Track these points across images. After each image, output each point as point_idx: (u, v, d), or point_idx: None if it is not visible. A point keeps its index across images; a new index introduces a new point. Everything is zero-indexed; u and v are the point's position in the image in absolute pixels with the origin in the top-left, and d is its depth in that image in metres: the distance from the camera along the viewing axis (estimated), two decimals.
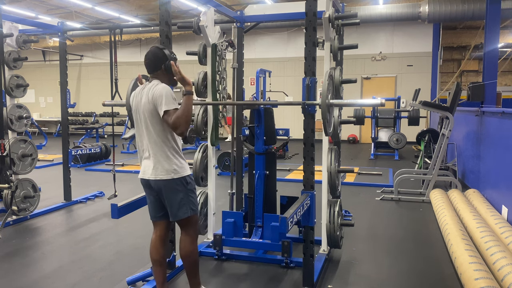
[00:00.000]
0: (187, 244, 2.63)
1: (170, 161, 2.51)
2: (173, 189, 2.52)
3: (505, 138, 4.61)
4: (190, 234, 2.64)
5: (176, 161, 2.53)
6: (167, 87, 2.49)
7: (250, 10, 4.26)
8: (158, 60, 2.54)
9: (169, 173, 2.50)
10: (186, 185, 2.57)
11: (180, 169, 2.53)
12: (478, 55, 13.72)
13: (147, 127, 2.53)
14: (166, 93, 2.42)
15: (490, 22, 6.45)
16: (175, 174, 2.51)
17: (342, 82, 3.44)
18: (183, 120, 2.37)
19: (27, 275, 3.30)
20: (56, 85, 12.23)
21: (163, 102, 2.40)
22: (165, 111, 2.40)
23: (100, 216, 4.98)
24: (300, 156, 8.87)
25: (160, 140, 2.50)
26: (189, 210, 2.59)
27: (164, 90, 2.43)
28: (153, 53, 2.55)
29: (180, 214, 2.56)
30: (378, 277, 3.29)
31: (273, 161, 3.68)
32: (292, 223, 2.52)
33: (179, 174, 2.53)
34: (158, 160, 2.51)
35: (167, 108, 2.40)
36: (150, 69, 2.56)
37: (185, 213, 2.57)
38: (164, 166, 2.50)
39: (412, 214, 5.12)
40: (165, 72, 2.55)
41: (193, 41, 13.95)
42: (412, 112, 9.17)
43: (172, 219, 2.62)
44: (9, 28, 4.68)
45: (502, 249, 3.20)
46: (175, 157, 2.54)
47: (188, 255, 2.63)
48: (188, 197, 2.57)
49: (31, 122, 5.47)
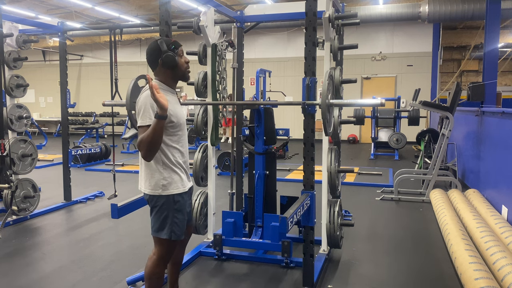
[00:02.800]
0: (151, 265, 2.32)
1: (159, 175, 2.24)
2: (158, 206, 2.27)
3: (505, 138, 4.61)
4: (158, 255, 2.32)
5: (167, 175, 2.25)
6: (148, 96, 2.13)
7: (250, 10, 4.26)
8: (154, 54, 2.24)
9: (156, 188, 2.25)
10: (173, 204, 2.28)
11: (169, 185, 2.26)
12: (478, 55, 13.72)
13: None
14: (145, 104, 2.13)
15: (490, 22, 6.45)
16: (163, 191, 2.25)
17: (342, 82, 3.44)
18: (145, 145, 2.05)
19: (27, 275, 3.30)
20: (56, 85, 12.23)
21: (140, 114, 2.14)
22: (139, 126, 2.13)
23: (100, 216, 4.98)
24: (300, 156, 8.87)
25: None
26: (170, 233, 2.27)
27: (143, 101, 2.15)
28: (149, 48, 2.27)
29: (158, 233, 2.27)
30: (378, 277, 3.29)
31: (273, 161, 3.68)
32: (292, 223, 2.52)
33: (167, 191, 2.25)
34: (148, 173, 2.27)
35: (140, 123, 2.13)
36: (151, 66, 2.30)
37: (164, 234, 2.27)
38: (153, 180, 2.25)
39: (412, 214, 5.12)
40: (164, 68, 2.26)
41: (193, 41, 13.95)
42: (412, 112, 9.17)
43: (152, 233, 2.32)
44: (9, 28, 4.68)
45: (502, 249, 3.20)
46: (166, 171, 2.25)
47: (147, 275, 2.31)
48: (172, 218, 2.27)
49: (31, 122, 5.47)
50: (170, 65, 2.25)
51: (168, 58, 2.22)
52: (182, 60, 2.31)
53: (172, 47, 2.25)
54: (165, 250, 2.33)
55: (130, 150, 10.64)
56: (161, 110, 2.02)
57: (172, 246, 2.34)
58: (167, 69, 2.27)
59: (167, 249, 2.33)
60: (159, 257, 2.32)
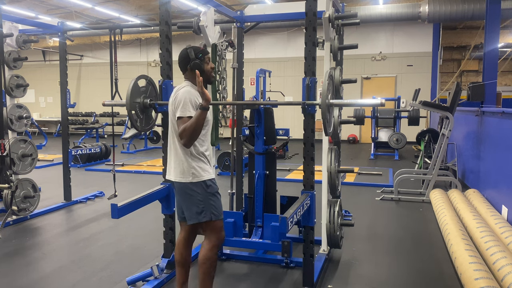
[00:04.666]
0: (203, 250, 2.54)
1: (189, 164, 2.48)
2: (191, 192, 2.49)
3: (505, 138, 4.61)
4: (210, 240, 2.55)
5: (195, 164, 2.49)
6: (190, 92, 2.46)
7: (250, 10, 4.26)
8: (183, 61, 2.56)
9: (187, 176, 2.48)
10: (206, 188, 2.51)
11: (199, 173, 2.49)
12: (478, 55, 13.72)
13: (172, 129, 2.56)
14: (185, 98, 2.41)
15: (490, 22, 6.45)
16: (193, 178, 2.48)
17: (342, 82, 3.44)
18: (188, 133, 2.33)
19: (27, 275, 3.30)
20: (56, 85, 12.23)
21: (179, 107, 2.40)
22: (178, 117, 2.40)
23: (100, 216, 4.98)
24: (300, 156, 8.87)
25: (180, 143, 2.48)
26: (210, 214, 2.51)
27: (184, 95, 2.43)
28: (179, 56, 2.58)
29: (199, 218, 2.50)
30: (378, 277, 3.29)
31: (273, 161, 3.68)
32: (292, 223, 2.52)
33: (198, 178, 2.48)
34: (179, 162, 2.51)
35: (180, 114, 2.40)
36: (181, 70, 2.60)
37: (203, 217, 2.50)
38: (183, 168, 2.48)
39: (412, 214, 5.12)
40: (192, 73, 2.54)
41: (193, 41, 13.94)
42: (412, 112, 9.17)
43: (189, 222, 2.56)
44: (9, 28, 4.68)
45: (502, 249, 3.20)
46: (194, 161, 2.49)
47: (203, 261, 2.52)
48: (208, 201, 2.51)
49: (31, 122, 5.47)
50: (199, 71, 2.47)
51: (195, 66, 2.52)
52: (208, 67, 2.59)
53: (200, 55, 2.54)
54: (217, 234, 2.55)
55: (130, 150, 10.64)
56: (206, 102, 2.34)
57: (218, 226, 2.56)
58: (194, 74, 2.50)
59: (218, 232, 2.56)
60: (213, 242, 2.54)
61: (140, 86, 3.05)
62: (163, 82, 3.13)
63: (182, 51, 2.58)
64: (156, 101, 3.12)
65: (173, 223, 3.26)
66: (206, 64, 2.58)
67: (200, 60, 2.54)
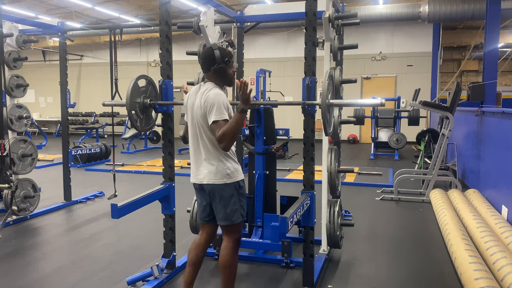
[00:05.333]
0: (229, 253, 2.52)
1: (223, 166, 2.48)
2: (227, 194, 2.49)
3: (505, 138, 4.61)
4: (233, 242, 2.55)
5: (229, 165, 2.50)
6: (221, 94, 2.45)
7: (250, 10, 4.26)
8: (209, 62, 2.50)
9: (222, 177, 2.47)
10: (239, 189, 2.54)
11: (233, 174, 2.50)
12: (478, 55, 13.72)
13: (199, 131, 2.51)
14: (218, 101, 2.39)
15: (490, 22, 6.45)
16: (228, 179, 2.48)
17: (342, 82, 3.44)
18: (229, 136, 2.33)
19: (27, 275, 3.30)
20: (56, 85, 12.23)
21: (213, 111, 2.37)
22: (214, 121, 2.37)
23: (100, 216, 4.98)
24: (300, 156, 8.87)
25: (212, 145, 2.47)
26: (240, 215, 2.54)
27: (217, 98, 2.40)
28: (204, 54, 2.52)
29: (233, 219, 2.51)
30: (378, 277, 3.29)
31: (273, 161, 3.68)
32: (292, 223, 2.52)
33: (232, 178, 2.50)
34: (212, 165, 2.48)
35: (216, 118, 2.37)
36: (203, 69, 2.56)
37: (237, 218, 2.52)
38: (218, 170, 2.47)
39: (412, 214, 5.12)
40: (215, 75, 2.52)
41: (193, 41, 13.95)
42: (412, 112, 9.17)
43: (221, 223, 2.55)
44: (9, 28, 4.68)
45: (502, 249, 3.20)
46: (228, 161, 2.50)
47: (228, 264, 2.51)
48: (240, 202, 2.54)
49: (31, 122, 5.47)
50: (221, 75, 2.52)
51: (222, 70, 2.51)
52: (231, 71, 2.57)
53: (226, 59, 2.50)
54: (238, 234, 2.58)
55: (130, 150, 10.64)
56: (245, 105, 2.37)
57: (240, 228, 2.60)
58: (217, 76, 2.53)
59: (239, 233, 2.60)
60: (235, 243, 2.55)
61: (140, 86, 3.05)
62: (163, 82, 3.13)
63: (208, 51, 2.51)
64: (156, 101, 3.12)
65: (173, 223, 3.26)
66: (230, 68, 2.55)
67: (225, 65, 2.50)
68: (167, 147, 3.19)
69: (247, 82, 2.40)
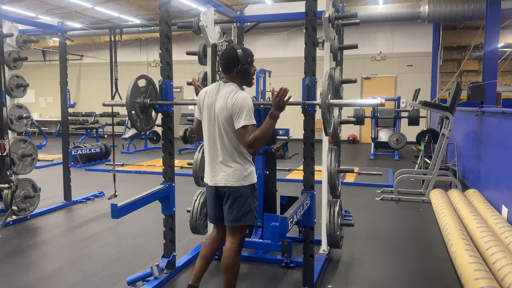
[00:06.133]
0: (233, 254, 2.52)
1: (241, 168, 2.49)
2: (243, 196, 2.50)
3: (505, 138, 4.61)
4: (237, 243, 2.55)
5: (247, 167, 2.51)
6: (249, 98, 2.45)
7: (250, 10, 4.26)
8: (232, 63, 2.47)
9: (239, 180, 2.48)
10: (253, 191, 2.56)
11: (250, 176, 2.52)
12: (478, 55, 13.72)
13: (220, 132, 2.48)
14: (247, 106, 2.39)
15: (490, 22, 6.45)
16: (245, 181, 2.49)
17: (342, 82, 3.44)
18: (261, 142, 2.38)
19: (27, 275, 3.30)
20: (56, 85, 12.24)
21: (243, 115, 2.38)
22: (244, 125, 2.38)
23: (100, 216, 4.98)
24: (300, 156, 8.86)
25: (232, 147, 2.47)
26: (253, 218, 2.55)
27: (245, 102, 2.40)
28: (227, 55, 2.49)
29: (244, 220, 2.52)
30: (378, 277, 3.29)
31: (273, 161, 3.68)
32: (292, 223, 2.52)
33: (249, 181, 2.51)
34: (229, 166, 2.48)
35: (246, 123, 2.38)
36: (225, 70, 2.51)
37: (249, 220, 2.53)
38: (235, 172, 2.47)
39: (412, 214, 5.12)
40: (238, 76, 2.51)
41: (193, 41, 13.95)
42: (412, 112, 9.17)
43: (230, 224, 2.53)
44: (9, 28, 4.68)
45: (502, 249, 3.20)
46: (246, 164, 2.51)
47: (231, 265, 2.51)
48: (253, 204, 2.55)
49: (31, 122, 5.47)
50: (245, 75, 2.53)
51: (246, 71, 2.52)
52: (253, 70, 2.58)
53: (249, 59, 2.52)
54: (243, 236, 2.59)
55: (130, 150, 10.63)
56: (279, 111, 2.44)
57: (246, 229, 2.62)
58: (240, 77, 2.53)
59: (244, 235, 2.61)
60: (239, 244, 2.56)
61: (140, 86, 3.05)
62: (163, 82, 3.13)
63: (231, 51, 2.49)
64: (156, 101, 3.12)
65: (173, 223, 3.26)
66: (252, 68, 2.57)
67: (248, 65, 2.51)
68: (167, 147, 3.19)
69: (288, 90, 2.43)
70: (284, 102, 2.42)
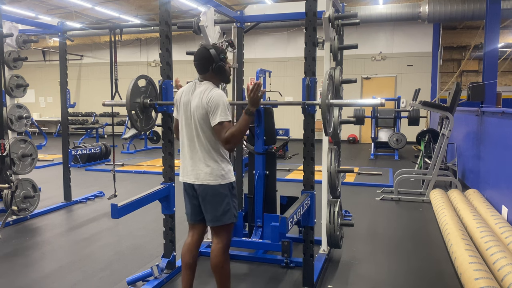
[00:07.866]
0: (219, 254, 2.51)
1: (218, 166, 2.47)
2: (220, 195, 2.48)
3: (505, 138, 4.61)
4: (224, 242, 2.54)
5: (224, 166, 2.49)
6: (224, 95, 2.43)
7: (250, 10, 4.26)
8: (206, 62, 2.46)
9: (217, 178, 2.46)
10: (232, 190, 2.54)
11: (227, 175, 2.50)
12: (478, 55, 13.72)
13: (197, 131, 2.47)
14: (223, 102, 2.38)
15: (490, 22, 6.45)
16: (222, 180, 2.48)
17: (342, 82, 3.44)
18: (237, 138, 2.36)
19: (27, 275, 3.30)
20: (56, 85, 12.22)
21: (218, 112, 2.36)
22: (220, 122, 2.36)
23: (100, 216, 4.98)
24: (300, 156, 8.87)
25: (209, 145, 2.46)
26: (233, 216, 2.54)
27: (220, 99, 2.38)
28: (200, 55, 2.48)
29: (224, 219, 2.50)
30: (378, 277, 3.29)
31: (273, 161, 3.67)
32: (292, 223, 2.52)
33: (226, 179, 2.49)
34: (207, 165, 2.47)
35: (222, 119, 2.36)
36: (200, 70, 2.50)
37: (229, 219, 2.52)
38: (213, 171, 2.46)
39: (412, 214, 5.12)
40: (214, 74, 2.50)
41: (193, 41, 13.95)
42: (412, 112, 9.17)
43: (212, 224, 2.53)
44: (9, 28, 4.68)
45: (502, 249, 3.20)
46: (223, 162, 2.50)
47: (220, 265, 2.52)
48: (232, 203, 2.54)
49: (31, 122, 5.47)
50: (220, 72, 2.51)
51: (221, 68, 2.49)
52: (227, 67, 2.56)
53: (222, 56, 2.49)
54: (228, 235, 2.57)
55: (130, 150, 10.63)
56: (255, 107, 2.43)
57: (231, 228, 2.59)
58: (216, 75, 2.51)
59: (230, 233, 2.59)
60: (225, 244, 2.54)
61: (140, 86, 3.05)
62: (163, 82, 3.13)
63: (203, 51, 2.47)
64: (156, 101, 3.12)
65: (173, 223, 3.26)
66: (227, 64, 2.54)
67: (223, 62, 2.49)
68: (167, 147, 3.19)
69: (261, 84, 2.42)
70: (258, 97, 2.42)
